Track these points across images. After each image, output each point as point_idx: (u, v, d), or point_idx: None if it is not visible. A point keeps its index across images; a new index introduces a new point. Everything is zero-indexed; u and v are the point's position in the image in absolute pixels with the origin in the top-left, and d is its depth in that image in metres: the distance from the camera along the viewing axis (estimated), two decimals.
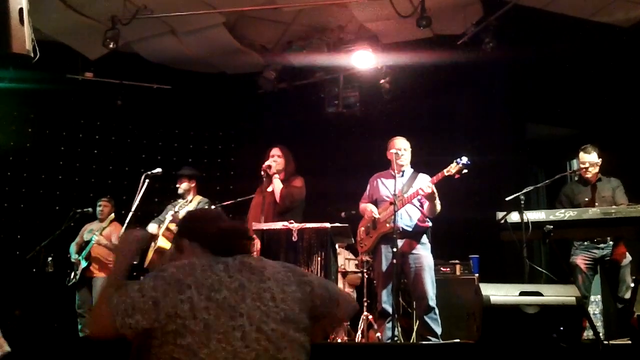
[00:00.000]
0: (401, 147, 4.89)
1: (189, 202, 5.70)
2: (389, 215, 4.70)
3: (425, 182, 4.70)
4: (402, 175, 4.88)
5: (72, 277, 6.41)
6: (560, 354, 3.36)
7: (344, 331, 5.70)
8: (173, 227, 5.49)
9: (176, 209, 5.55)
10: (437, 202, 4.68)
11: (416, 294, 4.74)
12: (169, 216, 5.55)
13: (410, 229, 4.74)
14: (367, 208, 4.92)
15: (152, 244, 5.54)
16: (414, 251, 4.72)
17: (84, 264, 6.32)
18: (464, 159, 4.53)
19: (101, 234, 6.36)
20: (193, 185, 5.85)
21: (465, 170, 4.54)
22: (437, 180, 4.61)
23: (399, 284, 4.78)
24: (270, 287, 1.90)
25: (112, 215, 6.51)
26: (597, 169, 5.17)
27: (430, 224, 4.84)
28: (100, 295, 1.90)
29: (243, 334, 1.78)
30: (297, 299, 1.92)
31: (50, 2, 6.35)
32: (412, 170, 4.96)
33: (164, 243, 5.46)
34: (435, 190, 4.60)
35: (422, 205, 4.82)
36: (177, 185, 5.81)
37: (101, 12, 6.54)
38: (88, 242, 6.41)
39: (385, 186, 4.93)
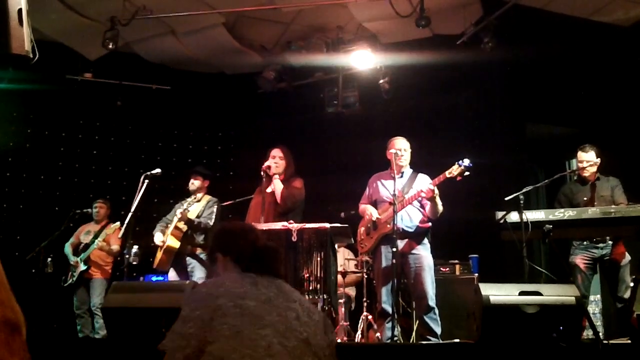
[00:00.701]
0: (401, 148, 4.89)
1: (198, 201, 5.67)
2: (389, 216, 4.70)
3: (425, 183, 4.71)
4: (402, 176, 4.88)
5: (68, 277, 6.41)
6: (560, 354, 3.36)
7: (344, 331, 5.70)
8: (181, 225, 5.46)
9: (184, 207, 5.50)
10: (439, 203, 4.68)
11: (416, 294, 4.74)
12: (178, 214, 5.53)
13: (410, 230, 4.74)
14: (367, 209, 4.91)
15: (161, 243, 5.52)
16: (414, 251, 4.72)
17: (83, 267, 6.32)
18: (466, 161, 4.52)
19: (104, 240, 6.36)
20: (206, 185, 5.82)
21: (467, 173, 4.54)
22: (438, 182, 4.61)
23: (399, 284, 4.78)
24: (296, 308, 1.94)
25: (118, 223, 6.42)
26: (595, 168, 5.16)
27: (430, 224, 4.84)
28: None
29: (268, 345, 1.79)
30: (320, 328, 1.97)
31: (49, 3, 6.35)
32: (411, 170, 4.95)
33: (172, 242, 5.43)
34: (436, 192, 4.60)
35: (422, 206, 4.82)
36: (191, 181, 5.78)
37: (100, 13, 6.54)
38: (87, 244, 6.40)
39: (385, 187, 4.92)
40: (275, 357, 1.78)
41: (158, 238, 5.51)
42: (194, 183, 5.74)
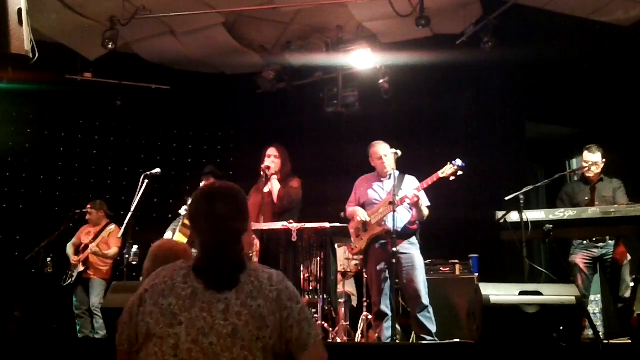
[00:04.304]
0: (385, 153, 4.88)
1: None
2: (380, 217, 4.70)
3: (413, 185, 4.74)
4: (390, 178, 4.88)
5: (67, 277, 6.40)
6: (560, 354, 3.35)
7: (344, 331, 5.69)
8: (188, 222, 5.47)
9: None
10: (424, 208, 4.70)
11: (409, 294, 4.73)
12: (182, 211, 5.53)
13: (400, 230, 4.73)
14: (357, 211, 4.90)
15: None
16: (405, 251, 4.71)
17: (81, 267, 6.32)
18: (459, 161, 4.53)
19: (97, 245, 6.35)
20: None
21: (460, 173, 4.54)
22: (431, 182, 4.62)
23: (394, 285, 4.77)
24: (228, 298, 1.78)
25: (113, 227, 6.43)
26: (599, 169, 5.17)
27: (417, 225, 4.84)
28: None
29: (176, 343, 1.73)
30: (259, 315, 1.77)
31: (49, 3, 6.34)
32: (397, 172, 4.94)
33: (180, 239, 5.43)
34: (420, 198, 4.61)
35: (411, 208, 4.82)
36: (204, 183, 5.80)
37: (100, 13, 6.54)
38: (87, 245, 6.40)
39: (373, 189, 4.94)
40: (182, 354, 1.72)
41: (167, 236, 5.55)
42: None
